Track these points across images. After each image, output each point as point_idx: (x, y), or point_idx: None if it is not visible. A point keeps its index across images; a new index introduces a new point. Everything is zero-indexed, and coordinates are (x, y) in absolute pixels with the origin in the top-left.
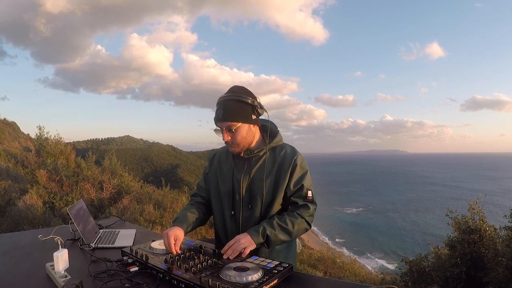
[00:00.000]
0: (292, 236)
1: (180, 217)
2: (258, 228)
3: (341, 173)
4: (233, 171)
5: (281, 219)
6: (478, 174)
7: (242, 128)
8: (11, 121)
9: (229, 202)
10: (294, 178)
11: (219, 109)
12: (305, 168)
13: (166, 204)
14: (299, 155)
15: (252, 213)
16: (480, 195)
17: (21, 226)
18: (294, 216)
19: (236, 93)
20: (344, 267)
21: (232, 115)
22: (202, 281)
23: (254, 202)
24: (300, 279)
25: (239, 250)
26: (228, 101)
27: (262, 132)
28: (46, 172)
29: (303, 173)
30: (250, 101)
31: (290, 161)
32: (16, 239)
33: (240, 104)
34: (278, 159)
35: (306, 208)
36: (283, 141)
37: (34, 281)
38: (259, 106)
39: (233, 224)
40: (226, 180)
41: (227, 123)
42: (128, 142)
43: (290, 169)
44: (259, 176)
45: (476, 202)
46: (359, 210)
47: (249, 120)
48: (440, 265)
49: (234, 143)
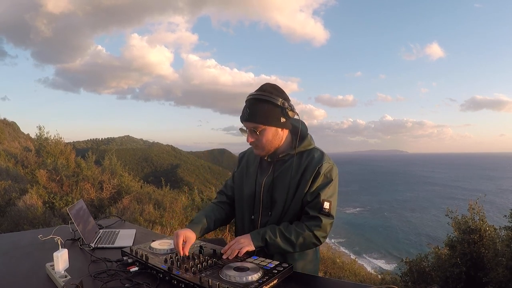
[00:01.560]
0: (296, 247)
1: (195, 219)
2: (261, 231)
3: (340, 173)
4: (257, 174)
5: (286, 228)
6: (476, 174)
7: (268, 131)
8: (11, 121)
9: (250, 205)
10: (314, 186)
11: (246, 107)
12: (330, 178)
13: (166, 204)
14: (326, 162)
15: (270, 220)
16: (479, 195)
17: (21, 226)
18: (302, 228)
19: (266, 92)
20: (344, 267)
21: (258, 116)
22: (202, 281)
23: (273, 208)
24: (300, 279)
25: (237, 250)
26: (256, 100)
27: (292, 135)
28: (46, 172)
29: (325, 183)
30: (280, 103)
31: (314, 168)
32: (16, 239)
33: (268, 105)
34: (303, 165)
35: (317, 221)
36: (313, 145)
37: (34, 281)
38: (290, 109)
39: (252, 228)
40: (249, 183)
41: (252, 124)
42: (128, 142)
43: (312, 177)
44: (281, 182)
45: (476, 202)
46: (356, 209)
47: (277, 123)
48: (440, 265)
49: (259, 145)
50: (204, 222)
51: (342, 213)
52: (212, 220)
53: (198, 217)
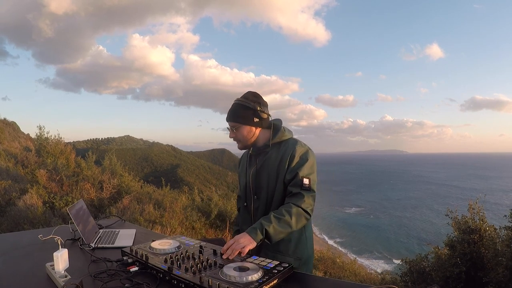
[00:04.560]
0: (292, 226)
1: None
2: (256, 225)
3: (339, 172)
4: (247, 167)
5: (277, 212)
6: (473, 173)
7: (243, 128)
8: (11, 121)
9: (244, 195)
10: (291, 166)
11: (229, 109)
12: (306, 158)
13: (166, 204)
14: (299, 146)
15: (259, 204)
16: (479, 194)
17: (21, 226)
18: (290, 206)
19: (244, 98)
20: (344, 267)
21: (234, 116)
22: (202, 281)
23: (259, 193)
24: (300, 279)
25: (238, 250)
26: (236, 104)
27: (271, 130)
28: (46, 172)
29: (301, 162)
30: (252, 106)
31: (289, 153)
32: (16, 239)
33: (242, 108)
34: (281, 153)
35: (299, 196)
36: (289, 136)
37: (34, 281)
38: (262, 111)
39: (246, 214)
40: (243, 176)
41: (230, 123)
42: (128, 142)
43: (288, 159)
44: (264, 170)
45: (476, 202)
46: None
47: (250, 122)
48: (440, 265)
49: (237, 140)
50: None
51: (338, 211)
52: None
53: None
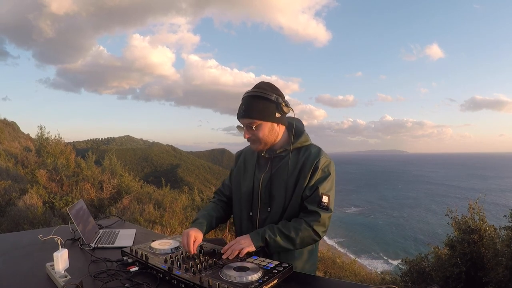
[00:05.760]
0: (296, 245)
1: (199, 219)
2: (260, 230)
3: (338, 172)
4: (255, 170)
5: (284, 225)
6: (471, 173)
7: (264, 126)
8: (11, 121)
9: (248, 202)
10: (312, 181)
11: (242, 105)
12: (328, 172)
13: (166, 204)
14: (324, 157)
15: (269, 215)
16: (479, 194)
17: (21, 226)
18: (300, 224)
19: (261, 89)
20: (344, 267)
21: (253, 112)
22: (202, 281)
23: (272, 204)
24: (300, 279)
25: (237, 250)
26: (251, 97)
27: (289, 131)
28: (46, 172)
29: (323, 177)
30: (274, 98)
31: (312, 163)
32: (16, 239)
33: (263, 101)
34: (301, 161)
35: (315, 216)
36: (310, 142)
37: (34, 281)
38: (284, 104)
39: (250, 225)
40: (247, 179)
41: (248, 120)
42: (128, 142)
43: (310, 172)
44: (279, 177)
45: (476, 202)
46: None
47: (272, 118)
48: (440, 265)
49: (255, 140)
50: (207, 221)
51: (339, 212)
52: (214, 218)
53: (201, 216)
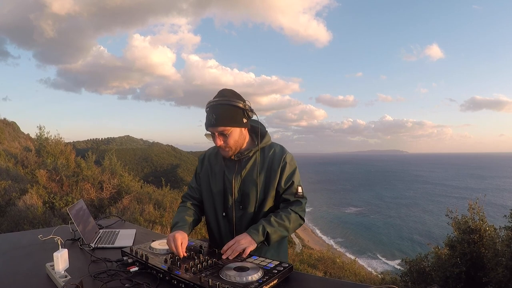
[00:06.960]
0: (289, 231)
1: (179, 221)
2: (257, 227)
3: (338, 172)
4: (224, 172)
5: (277, 216)
6: (469, 173)
7: (234, 132)
8: (11, 121)
9: (221, 202)
10: (285, 175)
11: (211, 113)
12: (294, 165)
13: (166, 204)
14: (288, 153)
15: (245, 213)
16: (479, 194)
17: (21, 226)
18: (288, 212)
19: (228, 97)
20: (344, 267)
21: (225, 120)
22: (202, 281)
23: (247, 202)
24: (300, 279)
25: (239, 251)
26: (220, 106)
27: (251, 133)
28: (46, 172)
29: (293, 170)
30: (242, 105)
31: (280, 160)
32: (16, 239)
33: (232, 109)
34: (268, 159)
35: (298, 204)
36: (271, 141)
37: (34, 281)
38: (250, 109)
39: (227, 224)
40: (217, 181)
41: (221, 128)
42: (128, 142)
43: (280, 168)
44: (250, 177)
45: (476, 202)
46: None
47: (241, 124)
48: (440, 265)
49: (228, 147)
50: (188, 223)
51: (339, 212)
52: (192, 221)
53: (180, 219)
